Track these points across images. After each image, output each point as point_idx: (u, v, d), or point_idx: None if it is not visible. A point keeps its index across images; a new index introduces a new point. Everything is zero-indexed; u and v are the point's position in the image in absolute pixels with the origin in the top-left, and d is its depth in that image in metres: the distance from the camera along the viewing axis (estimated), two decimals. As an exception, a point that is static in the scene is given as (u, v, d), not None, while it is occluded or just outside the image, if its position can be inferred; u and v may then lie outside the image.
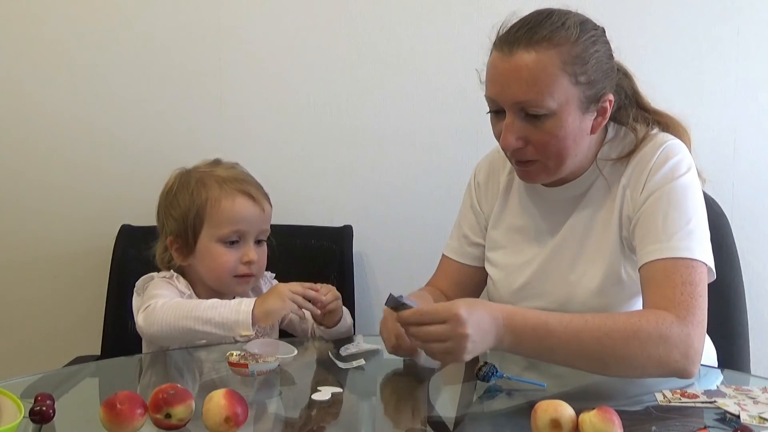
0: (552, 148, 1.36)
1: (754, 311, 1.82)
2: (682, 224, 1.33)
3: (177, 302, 1.52)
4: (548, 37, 1.32)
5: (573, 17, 1.36)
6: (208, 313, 1.48)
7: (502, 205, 1.57)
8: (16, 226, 2.12)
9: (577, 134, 1.36)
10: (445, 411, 1.25)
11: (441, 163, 2.05)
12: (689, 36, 1.99)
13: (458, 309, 1.19)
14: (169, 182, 1.69)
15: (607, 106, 1.38)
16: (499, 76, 1.35)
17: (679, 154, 1.39)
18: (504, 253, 1.55)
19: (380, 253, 2.08)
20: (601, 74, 1.36)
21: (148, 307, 1.51)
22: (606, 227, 1.43)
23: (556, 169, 1.39)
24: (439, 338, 1.19)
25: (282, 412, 1.25)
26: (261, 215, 1.65)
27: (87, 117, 2.09)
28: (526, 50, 1.31)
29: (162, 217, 1.68)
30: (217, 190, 1.62)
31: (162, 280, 1.62)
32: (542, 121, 1.34)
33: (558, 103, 1.32)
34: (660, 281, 1.30)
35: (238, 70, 2.07)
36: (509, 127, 1.35)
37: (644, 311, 1.29)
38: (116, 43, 2.07)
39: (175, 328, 1.48)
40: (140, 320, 1.51)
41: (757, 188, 2.01)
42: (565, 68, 1.32)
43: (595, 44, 1.36)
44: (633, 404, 1.23)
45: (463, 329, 1.17)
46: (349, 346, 1.50)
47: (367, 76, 2.06)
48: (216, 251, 1.62)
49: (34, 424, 1.10)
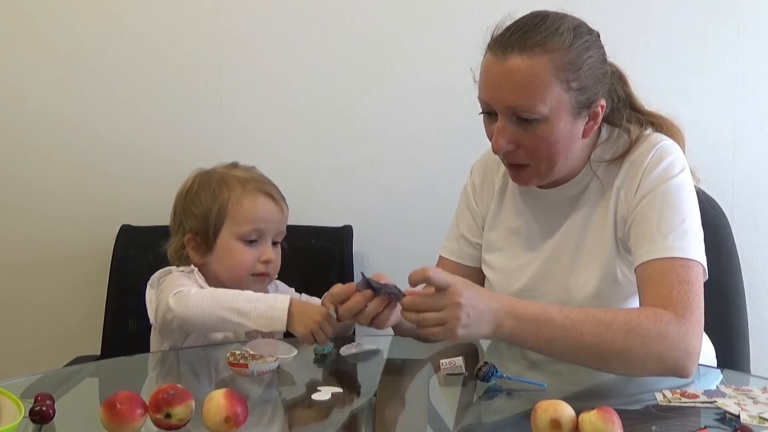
0: (543, 153, 1.36)
1: (754, 311, 1.82)
2: (677, 224, 1.33)
3: (212, 290, 1.53)
4: (542, 43, 1.32)
5: (567, 22, 1.36)
6: (245, 306, 1.47)
7: (498, 206, 1.57)
8: (16, 226, 2.12)
9: (568, 139, 1.37)
10: (445, 411, 1.25)
11: (441, 163, 2.05)
12: (689, 36, 1.99)
13: (456, 280, 1.21)
14: (188, 182, 1.71)
15: (598, 111, 1.38)
16: (492, 80, 1.35)
17: (672, 155, 1.39)
18: (501, 256, 1.55)
19: (380, 253, 2.08)
20: (594, 80, 1.36)
21: (180, 292, 1.50)
22: (601, 229, 1.43)
23: (548, 172, 1.40)
24: (433, 307, 1.20)
25: (282, 412, 1.25)
26: (280, 216, 1.68)
27: (87, 117, 2.09)
28: (520, 55, 1.31)
29: (180, 215, 1.69)
30: (240, 189, 1.64)
31: (182, 273, 1.62)
32: (534, 126, 1.34)
33: (549, 109, 1.32)
34: (656, 281, 1.30)
35: (238, 70, 2.08)
36: (501, 131, 1.35)
37: (643, 308, 1.29)
38: (116, 43, 2.07)
39: (210, 314, 1.47)
40: (172, 302, 1.49)
41: (757, 188, 2.01)
42: (558, 74, 1.32)
43: (589, 50, 1.36)
44: (633, 404, 1.23)
45: (458, 298, 1.18)
46: (349, 346, 1.50)
47: (367, 76, 2.06)
48: (236, 248, 1.63)
49: (34, 424, 1.10)
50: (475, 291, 1.23)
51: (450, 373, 1.34)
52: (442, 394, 1.32)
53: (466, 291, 1.20)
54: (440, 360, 1.36)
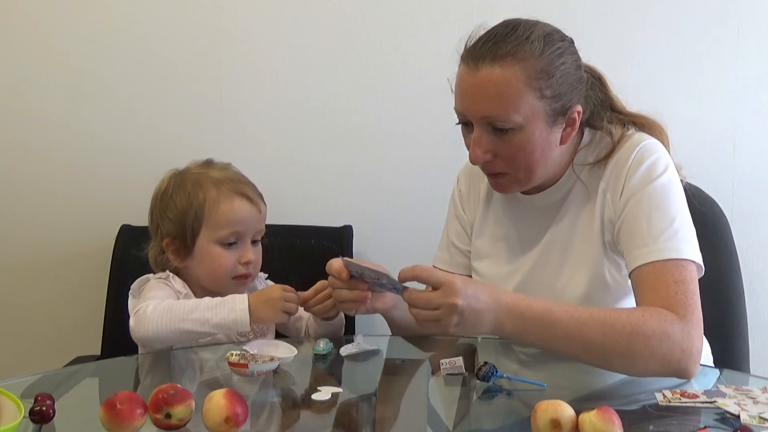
0: (520, 161, 1.37)
1: (753, 311, 1.82)
2: (667, 225, 1.33)
3: (169, 305, 1.51)
4: (512, 52, 1.32)
5: (539, 30, 1.35)
6: (205, 314, 1.48)
7: (484, 213, 1.57)
8: (16, 226, 2.12)
9: (545, 146, 1.37)
10: (445, 411, 1.25)
11: (441, 163, 2.05)
12: (689, 36, 1.99)
13: (455, 279, 1.22)
14: (162, 184, 1.68)
15: (575, 117, 1.38)
16: (465, 91, 1.36)
17: (654, 154, 1.38)
18: (489, 263, 1.55)
19: (380, 253, 2.08)
20: (568, 86, 1.36)
21: (138, 311, 1.50)
22: (588, 232, 1.42)
23: (527, 180, 1.40)
24: (429, 304, 1.21)
25: (282, 412, 1.25)
26: (258, 216, 1.66)
27: (87, 117, 2.09)
28: (491, 65, 1.32)
29: (156, 219, 1.67)
30: (215, 192, 1.62)
31: (158, 281, 1.61)
32: (509, 135, 1.34)
33: (524, 118, 1.33)
34: (652, 284, 1.30)
35: (237, 70, 2.08)
36: (477, 141, 1.36)
37: (646, 308, 1.28)
38: (116, 43, 2.07)
39: (170, 330, 1.47)
40: (132, 324, 1.50)
41: (757, 188, 2.01)
42: (530, 83, 1.32)
43: (561, 56, 1.35)
44: (633, 404, 1.23)
45: (454, 299, 1.19)
46: (349, 346, 1.50)
47: (367, 76, 2.06)
48: (215, 253, 1.62)
49: (34, 424, 1.10)
50: (476, 290, 1.22)
51: (450, 373, 1.34)
52: (441, 394, 1.32)
53: (464, 290, 1.20)
54: (440, 360, 1.36)
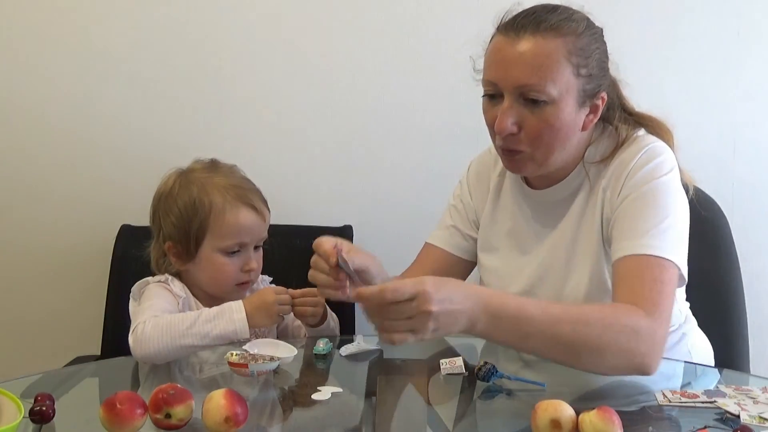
0: (544, 138, 1.36)
1: (753, 311, 1.82)
2: (656, 222, 1.32)
3: (167, 321, 1.48)
4: (556, 27, 1.34)
5: (579, 13, 1.39)
6: (204, 327, 1.47)
7: (493, 206, 1.57)
8: (16, 226, 2.12)
9: (570, 127, 1.37)
10: (445, 411, 1.25)
11: (441, 163, 2.05)
12: (689, 36, 1.99)
13: (425, 285, 1.13)
14: (167, 184, 1.67)
15: (599, 103, 1.39)
16: (502, 59, 1.36)
17: (661, 156, 1.39)
18: (497, 258, 1.55)
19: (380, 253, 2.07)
20: (600, 71, 1.38)
21: (136, 331, 1.47)
22: (589, 231, 1.43)
23: (543, 161, 1.39)
24: (401, 316, 1.13)
25: (282, 412, 1.25)
26: (262, 225, 1.66)
27: (87, 117, 2.09)
28: (533, 35, 1.33)
29: (159, 220, 1.66)
30: (220, 200, 1.61)
31: (157, 285, 1.61)
32: (540, 108, 1.34)
33: (558, 91, 1.33)
34: (629, 278, 1.29)
35: (238, 70, 2.07)
36: (506, 111, 1.35)
37: (616, 304, 1.28)
38: (115, 43, 2.07)
39: (171, 348, 1.46)
40: (131, 344, 1.47)
41: (757, 188, 2.01)
42: (570, 58, 1.33)
43: (597, 41, 1.39)
44: (633, 404, 1.23)
45: (429, 306, 1.12)
46: (349, 346, 1.50)
47: (367, 76, 2.06)
48: (218, 261, 1.62)
49: (34, 424, 1.10)
50: (449, 291, 1.15)
51: (450, 373, 1.34)
52: (441, 394, 1.32)
53: (437, 295, 1.13)
54: (440, 360, 1.36)
